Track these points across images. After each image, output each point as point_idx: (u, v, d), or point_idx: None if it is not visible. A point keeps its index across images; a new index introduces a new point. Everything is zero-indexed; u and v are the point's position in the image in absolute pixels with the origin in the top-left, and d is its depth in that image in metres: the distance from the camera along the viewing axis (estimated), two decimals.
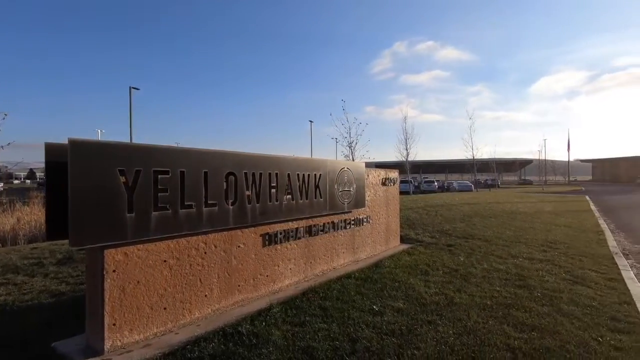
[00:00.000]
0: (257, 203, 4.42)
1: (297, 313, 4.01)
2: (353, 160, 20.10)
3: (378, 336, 3.48)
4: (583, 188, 45.10)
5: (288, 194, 4.89)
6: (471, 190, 40.92)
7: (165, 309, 3.57)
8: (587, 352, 3.22)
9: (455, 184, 48.74)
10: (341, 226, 6.13)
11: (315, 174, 5.39)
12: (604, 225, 11.77)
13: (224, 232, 4.14)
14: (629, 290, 4.98)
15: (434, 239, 8.69)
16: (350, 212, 6.33)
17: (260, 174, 4.47)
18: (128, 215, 3.17)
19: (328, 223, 5.82)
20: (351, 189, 6.20)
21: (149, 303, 3.44)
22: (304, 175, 5.15)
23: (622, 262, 6.69)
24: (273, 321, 3.77)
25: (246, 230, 4.42)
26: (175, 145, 4.16)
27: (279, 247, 4.91)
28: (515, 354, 3.16)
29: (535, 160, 76.94)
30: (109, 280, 3.15)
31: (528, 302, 4.42)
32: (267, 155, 4.66)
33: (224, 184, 4.04)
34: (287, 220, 5.01)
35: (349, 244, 6.35)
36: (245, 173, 4.28)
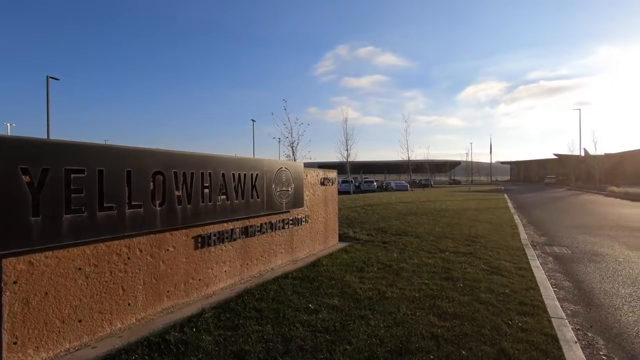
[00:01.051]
0: (189, 204, 4.21)
1: (230, 316, 3.89)
2: (295, 160, 20.14)
3: (312, 334, 3.50)
4: (502, 187, 50.04)
5: (223, 194, 4.73)
6: (407, 190, 43.26)
7: (80, 321, 3.24)
8: (499, 334, 3.55)
9: (393, 184, 51.17)
10: (279, 226, 6.09)
11: (252, 174, 5.29)
12: (517, 220, 13.15)
13: (151, 235, 3.87)
14: (534, 278, 5.60)
15: (370, 236, 9.01)
16: (289, 211, 6.31)
17: (192, 173, 4.26)
18: (33, 219, 2.82)
19: (265, 223, 5.75)
20: (289, 189, 6.19)
21: (60, 316, 3.10)
22: (239, 175, 5.03)
23: (530, 252, 7.52)
24: (204, 326, 3.62)
25: (176, 232, 4.19)
26: (103, 143, 3.81)
27: (213, 250, 4.73)
28: (438, 342, 3.39)
29: (463, 161, 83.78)
30: (8, 293, 2.78)
31: (452, 293, 4.76)
32: (199, 154, 4.46)
33: (151, 184, 3.79)
34: (222, 222, 4.84)
35: (287, 244, 6.33)
36: (175, 172, 4.05)
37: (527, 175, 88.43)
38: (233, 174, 4.91)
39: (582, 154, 49.99)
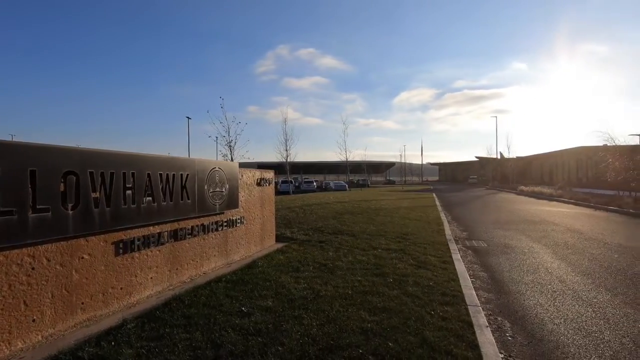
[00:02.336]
0: (108, 207, 3.87)
1: (156, 326, 3.65)
2: (232, 160, 19.59)
3: (243, 338, 3.43)
4: (432, 187, 53.77)
5: (148, 195, 4.43)
6: (345, 190, 44.48)
7: None
8: (422, 324, 3.80)
9: (332, 184, 52.25)
10: (212, 228, 5.87)
11: (181, 174, 5.02)
12: (443, 217, 14.22)
13: (62, 242, 3.49)
14: (455, 270, 6.10)
15: (307, 236, 9.10)
16: (223, 213, 6.12)
17: (112, 173, 3.93)
18: None
19: (197, 226, 5.50)
20: (223, 190, 6.00)
21: None
22: (167, 175, 4.75)
23: (453, 247, 8.18)
24: (125, 339, 3.35)
25: (93, 238, 3.83)
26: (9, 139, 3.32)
27: (137, 255, 4.40)
28: (367, 336, 3.52)
29: (397, 163, 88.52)
30: None
31: (382, 288, 4.99)
32: (120, 152, 4.13)
33: (61, 185, 3.41)
34: (148, 225, 4.53)
35: (221, 246, 6.13)
36: (92, 172, 3.70)
37: (453, 176, 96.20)
38: (160, 174, 4.62)
39: (498, 157, 55.70)
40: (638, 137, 22.11)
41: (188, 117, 43.06)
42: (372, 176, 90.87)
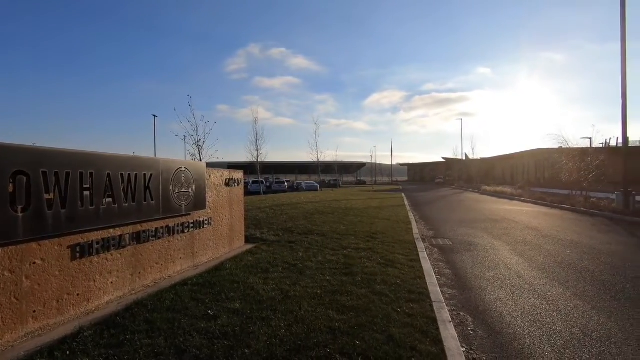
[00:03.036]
0: (63, 209, 3.66)
1: (116, 332, 3.50)
2: (201, 160, 19.12)
3: (209, 342, 3.35)
4: (401, 187, 55.02)
5: (108, 197, 4.24)
6: (317, 190, 44.60)
7: None
8: (389, 322, 3.88)
9: (303, 184, 52.24)
10: (178, 230, 5.70)
11: (145, 174, 4.84)
12: (412, 217, 14.58)
13: (10, 247, 3.26)
14: (422, 268, 6.27)
15: (277, 237, 9.04)
16: (189, 214, 5.96)
17: (68, 173, 3.72)
18: None
19: (162, 227, 5.33)
20: (190, 190, 5.84)
21: None
22: (129, 175, 4.56)
23: (420, 245, 8.40)
24: (82, 347, 3.18)
25: (46, 242, 3.61)
26: None
27: (95, 259, 4.20)
28: (335, 335, 3.55)
29: (368, 163, 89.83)
30: None
31: (351, 287, 5.05)
32: (76, 151, 3.92)
33: (10, 185, 3.20)
34: (108, 227, 4.34)
35: (187, 248, 5.97)
36: (44, 172, 3.49)
37: (421, 176, 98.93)
38: (122, 174, 4.43)
39: (464, 158, 57.87)
40: (589, 140, 23.70)
41: (154, 115, 41.65)
42: (344, 176, 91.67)
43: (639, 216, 12.62)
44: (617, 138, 36.57)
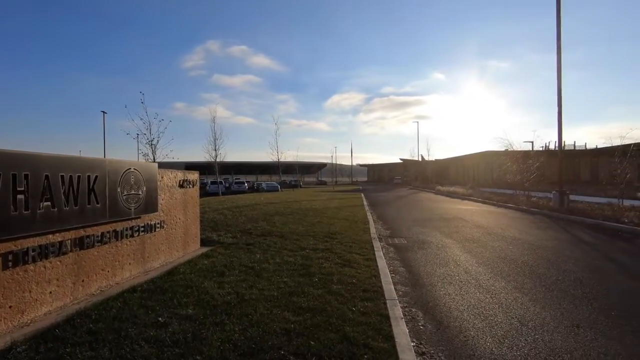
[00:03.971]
0: None
1: (54, 346, 3.26)
2: (154, 160, 18.29)
3: (158, 350, 3.23)
4: (360, 187, 56.13)
5: (46, 200, 3.94)
6: (278, 190, 44.30)
7: None
8: (344, 321, 3.96)
9: (264, 185, 51.64)
10: (127, 234, 5.43)
11: (89, 176, 4.56)
12: (369, 216, 14.93)
13: None
14: (377, 267, 6.45)
15: (235, 239, 8.88)
16: (140, 217, 5.69)
17: None
18: None
19: (109, 232, 5.04)
20: (140, 192, 5.58)
21: None
22: (72, 177, 4.27)
23: (377, 244, 8.63)
24: None
25: None
26: None
27: (32, 268, 3.89)
28: (290, 336, 3.56)
29: (329, 164, 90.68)
30: None
31: (307, 288, 5.08)
32: (7, 152, 3.61)
33: None
34: (46, 233, 4.03)
35: (137, 253, 5.69)
36: None
37: (380, 177, 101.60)
38: (62, 176, 4.14)
39: (420, 159, 60.23)
40: (530, 143, 25.62)
41: (103, 112, 39.21)
42: (305, 177, 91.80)
43: (572, 214, 13.85)
44: (555, 142, 39.82)
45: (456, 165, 61.20)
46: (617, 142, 15.20)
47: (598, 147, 43.65)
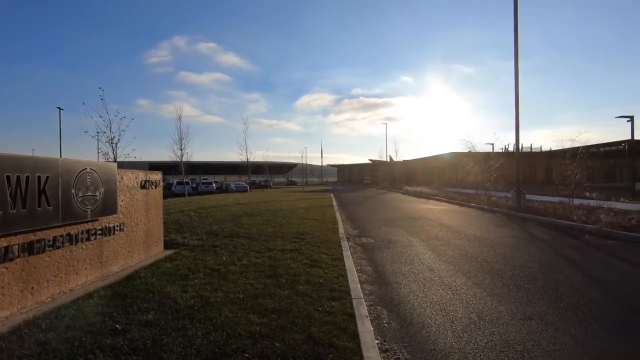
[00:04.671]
0: None
1: None
2: (115, 159, 17.45)
3: (115, 359, 3.09)
4: (330, 188, 56.46)
5: None
6: (247, 191, 43.66)
7: None
8: (310, 321, 3.96)
9: (232, 185, 50.76)
10: (83, 238, 5.15)
11: (39, 177, 4.28)
12: (338, 216, 15.05)
13: None
14: (345, 266, 6.51)
15: (200, 241, 8.66)
16: (97, 220, 5.42)
17: None
18: None
19: (62, 236, 4.76)
20: (97, 194, 5.31)
21: None
22: (19, 178, 4.00)
23: (345, 244, 8.72)
24: None
25: None
26: None
27: None
28: (255, 339, 3.51)
29: (300, 164, 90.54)
30: None
31: (274, 289, 5.04)
32: None
33: None
34: None
35: (94, 257, 5.42)
36: None
37: (350, 177, 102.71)
38: (8, 177, 3.86)
39: (388, 160, 61.49)
40: (491, 145, 26.89)
41: (60, 109, 36.93)
42: (275, 177, 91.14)
43: (528, 212, 14.66)
44: (513, 144, 41.96)
45: (423, 166, 63.05)
46: (568, 145, 16.20)
47: (552, 149, 46.56)
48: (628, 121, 23.65)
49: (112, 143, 17.65)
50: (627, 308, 4.77)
